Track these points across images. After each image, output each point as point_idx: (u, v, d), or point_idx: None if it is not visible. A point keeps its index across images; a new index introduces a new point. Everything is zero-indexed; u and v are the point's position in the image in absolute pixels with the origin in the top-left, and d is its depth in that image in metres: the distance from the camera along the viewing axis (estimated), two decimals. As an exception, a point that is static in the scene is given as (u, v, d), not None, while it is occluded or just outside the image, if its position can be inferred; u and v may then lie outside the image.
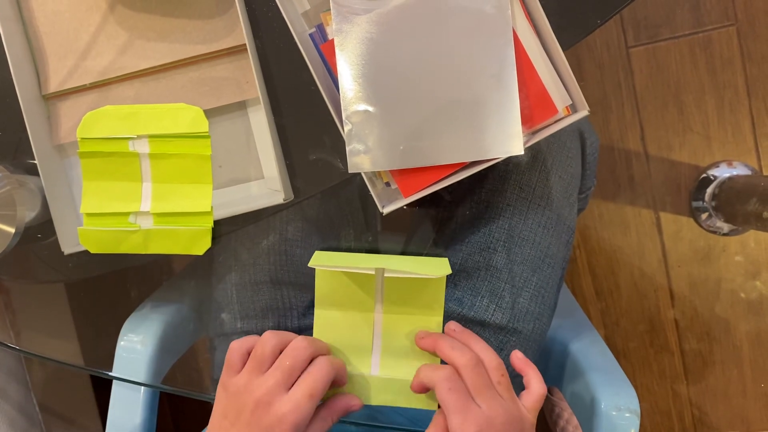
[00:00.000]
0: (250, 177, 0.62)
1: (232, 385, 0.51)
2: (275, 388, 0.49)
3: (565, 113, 0.57)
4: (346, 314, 0.56)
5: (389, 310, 0.56)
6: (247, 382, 0.50)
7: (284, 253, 0.67)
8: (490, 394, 0.49)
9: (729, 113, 1.19)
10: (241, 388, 0.50)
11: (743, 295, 1.22)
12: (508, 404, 0.49)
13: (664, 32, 1.19)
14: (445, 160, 0.56)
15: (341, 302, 0.56)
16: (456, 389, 0.49)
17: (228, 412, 0.50)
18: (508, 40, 0.55)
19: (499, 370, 0.51)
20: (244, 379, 0.50)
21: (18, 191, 0.58)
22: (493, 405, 0.48)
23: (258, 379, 0.50)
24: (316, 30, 0.59)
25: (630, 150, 1.21)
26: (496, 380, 0.50)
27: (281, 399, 0.49)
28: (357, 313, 0.56)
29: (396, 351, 0.55)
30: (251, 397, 0.49)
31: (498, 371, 0.51)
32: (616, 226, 1.23)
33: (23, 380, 0.89)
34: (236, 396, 0.50)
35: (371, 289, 0.55)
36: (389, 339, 0.55)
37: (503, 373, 0.51)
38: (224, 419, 0.51)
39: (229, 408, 0.50)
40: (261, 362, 0.51)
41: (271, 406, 0.48)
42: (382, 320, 0.56)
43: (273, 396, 0.49)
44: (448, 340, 0.52)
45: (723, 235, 1.21)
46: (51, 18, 0.61)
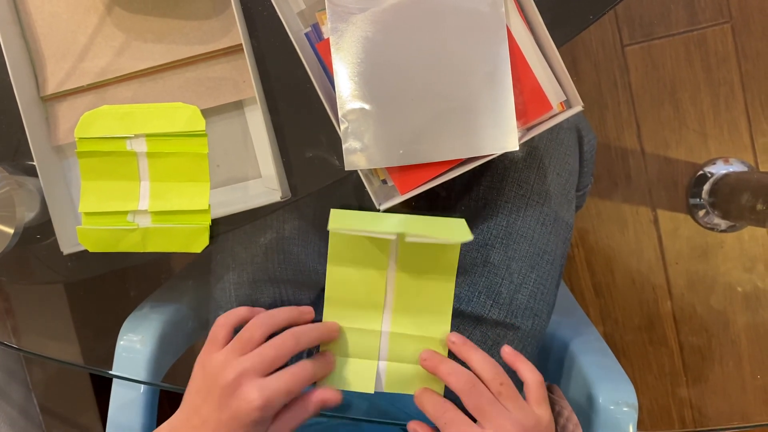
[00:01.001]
0: (248, 176, 0.63)
1: (209, 362, 0.50)
2: (250, 372, 0.48)
3: (560, 109, 0.57)
4: (359, 271, 0.56)
5: (403, 269, 0.56)
6: (224, 361, 0.49)
7: (282, 252, 0.68)
8: (494, 412, 0.49)
9: (725, 110, 1.20)
10: (218, 366, 0.49)
11: (740, 291, 1.23)
12: (515, 414, 0.49)
13: (659, 30, 1.19)
14: (441, 156, 0.57)
15: (355, 260, 0.56)
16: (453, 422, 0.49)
17: (201, 389, 0.50)
18: (502, 37, 0.56)
19: (497, 378, 0.51)
20: (222, 357, 0.50)
21: (17, 192, 0.58)
22: (500, 422, 0.48)
23: (236, 360, 0.49)
24: (311, 29, 0.59)
25: (627, 148, 1.21)
26: (497, 391, 0.50)
27: (251, 384, 0.48)
28: (370, 271, 0.56)
29: (408, 309, 0.56)
30: (224, 377, 0.48)
31: (496, 380, 0.51)
32: (613, 224, 1.24)
33: (23, 381, 0.89)
34: (211, 374, 0.49)
35: (386, 247, 0.56)
36: (402, 297, 0.56)
37: (502, 381, 0.51)
38: (197, 395, 0.50)
39: (203, 385, 0.50)
40: (244, 345, 0.50)
41: (241, 388, 0.48)
42: (395, 278, 0.56)
43: (245, 379, 0.48)
44: (446, 365, 0.52)
45: (720, 232, 1.21)
46: (48, 20, 0.61)
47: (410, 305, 0.56)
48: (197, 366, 0.52)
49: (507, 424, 0.48)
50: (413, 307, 0.56)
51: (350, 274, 0.56)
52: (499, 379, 0.51)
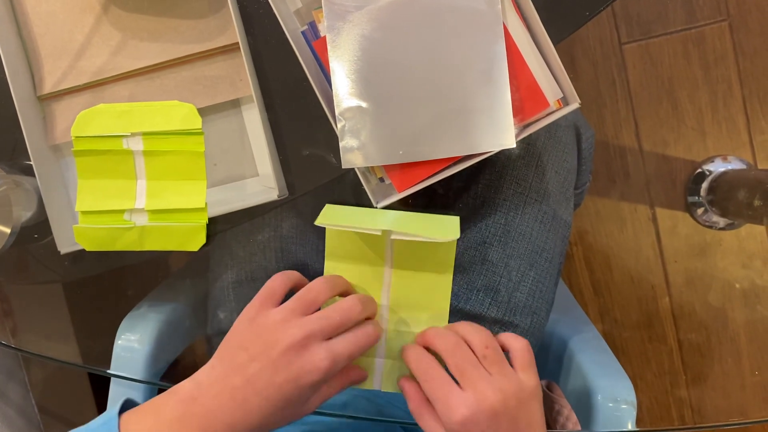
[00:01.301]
0: (245, 174, 0.63)
1: (264, 318, 0.47)
2: (318, 335, 0.46)
3: (557, 106, 0.57)
4: (356, 267, 0.56)
5: (400, 265, 0.56)
6: (285, 319, 0.46)
7: (280, 250, 0.68)
8: (476, 375, 0.47)
9: (723, 108, 1.20)
10: (277, 323, 0.46)
11: (739, 288, 1.23)
12: (497, 379, 0.47)
13: (657, 28, 1.19)
14: (439, 154, 0.57)
15: (351, 256, 0.55)
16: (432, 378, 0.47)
17: (249, 345, 0.46)
18: (499, 34, 0.56)
19: (483, 343, 0.48)
20: (281, 315, 0.46)
21: (14, 191, 0.58)
22: (480, 386, 0.46)
23: (299, 319, 0.46)
24: (308, 27, 0.59)
25: (625, 146, 1.22)
26: (482, 354, 0.48)
27: (319, 347, 0.46)
28: (367, 267, 0.55)
29: (405, 306, 0.56)
30: (287, 335, 0.45)
31: (482, 345, 0.48)
32: (612, 222, 1.24)
33: (22, 381, 0.89)
34: (267, 330, 0.46)
35: (381, 244, 0.55)
36: (399, 293, 0.56)
37: (488, 344, 0.48)
38: (242, 350, 0.46)
39: (253, 341, 0.46)
40: (307, 306, 0.47)
41: (307, 350, 0.45)
42: (392, 275, 0.56)
43: (311, 341, 0.45)
44: (433, 329, 0.51)
45: (719, 230, 1.21)
46: (45, 19, 0.61)
47: (407, 302, 0.56)
48: (245, 320, 0.48)
49: (487, 388, 0.46)
50: (410, 303, 0.56)
51: (347, 271, 0.56)
52: (485, 343, 0.49)
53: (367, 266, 0.56)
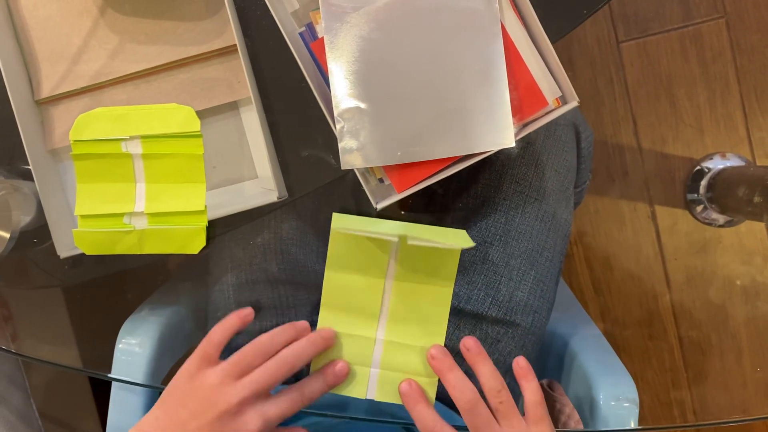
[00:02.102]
0: (244, 177, 0.63)
1: (202, 379, 0.50)
2: (251, 399, 0.49)
3: (556, 105, 0.57)
4: (357, 278, 0.56)
5: (401, 278, 0.56)
6: (222, 384, 0.49)
7: (280, 252, 0.68)
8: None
9: (721, 105, 1.20)
10: (214, 387, 0.49)
11: (739, 285, 1.23)
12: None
13: (654, 26, 1.19)
14: (438, 154, 0.57)
15: (353, 266, 0.56)
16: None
17: (189, 404, 0.49)
18: (497, 33, 0.56)
19: (498, 396, 0.52)
20: (217, 378, 0.50)
21: (13, 196, 0.58)
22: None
23: (234, 384, 0.49)
24: (305, 29, 0.59)
25: (624, 144, 1.22)
26: (494, 406, 0.52)
27: (253, 412, 0.49)
28: (368, 278, 0.56)
29: (404, 318, 0.56)
30: (226, 401, 0.48)
31: (497, 398, 0.52)
32: (611, 221, 1.24)
33: (22, 386, 0.89)
34: (204, 391, 0.49)
35: (385, 255, 0.56)
36: (398, 306, 0.56)
37: (502, 399, 0.52)
38: (183, 408, 0.50)
39: (192, 401, 0.49)
40: (242, 370, 0.50)
41: (241, 415, 0.48)
42: (392, 287, 0.56)
43: (247, 405, 0.49)
44: (453, 375, 0.53)
45: (719, 227, 1.21)
46: (42, 23, 0.61)
47: (406, 314, 0.56)
48: (183, 378, 0.51)
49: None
50: (409, 316, 0.56)
51: (348, 280, 0.56)
52: (500, 397, 0.52)
53: (368, 276, 0.56)
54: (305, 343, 0.53)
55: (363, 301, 0.56)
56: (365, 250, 0.56)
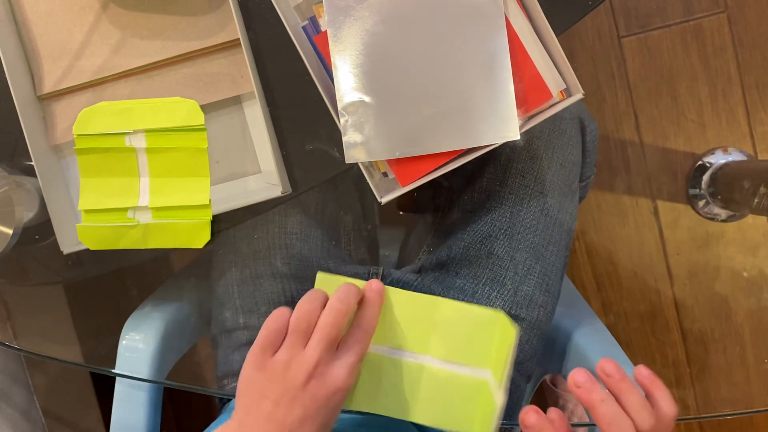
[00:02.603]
0: (248, 171, 0.62)
1: (272, 365, 0.48)
2: (326, 358, 0.47)
3: (560, 97, 0.57)
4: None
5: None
6: (291, 358, 0.47)
7: (284, 247, 0.68)
8: None
9: (722, 100, 1.20)
10: (285, 365, 0.47)
11: (742, 281, 1.23)
12: None
13: (656, 21, 1.19)
14: (442, 147, 0.56)
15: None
16: None
17: (269, 392, 0.47)
18: (501, 26, 0.55)
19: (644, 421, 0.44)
20: (285, 355, 0.48)
21: (15, 192, 0.57)
22: None
23: (303, 353, 0.47)
24: (308, 22, 0.59)
25: (625, 139, 1.21)
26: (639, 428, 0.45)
27: (334, 368, 0.47)
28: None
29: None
30: (302, 373, 0.47)
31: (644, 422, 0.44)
32: (614, 216, 1.23)
33: (26, 384, 0.89)
34: (280, 374, 0.47)
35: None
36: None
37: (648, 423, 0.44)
38: (264, 399, 0.47)
39: (271, 388, 0.47)
40: (304, 334, 0.48)
41: (326, 376, 0.47)
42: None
43: (325, 366, 0.47)
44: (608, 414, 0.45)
45: (721, 222, 1.21)
46: (44, 19, 0.61)
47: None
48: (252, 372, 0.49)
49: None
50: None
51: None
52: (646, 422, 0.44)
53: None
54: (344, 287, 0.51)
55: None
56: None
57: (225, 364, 0.69)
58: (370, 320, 0.51)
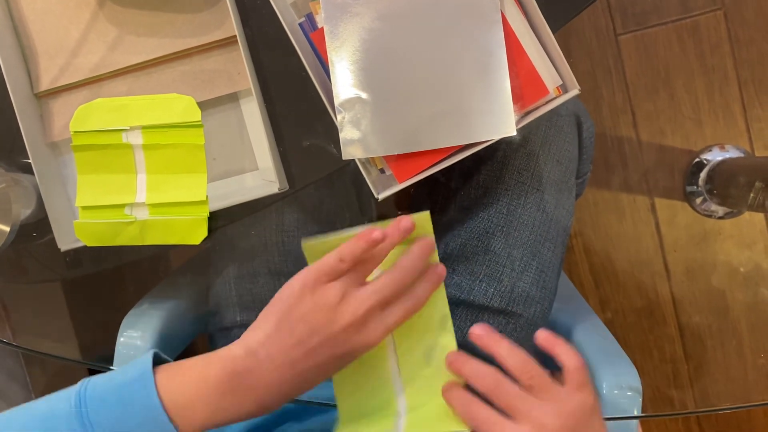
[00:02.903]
0: (245, 168, 0.62)
1: (323, 291, 0.46)
2: (375, 309, 0.46)
3: (556, 93, 0.57)
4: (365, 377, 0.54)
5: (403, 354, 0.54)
6: (346, 294, 0.46)
7: (281, 244, 0.68)
8: (527, 407, 0.45)
9: (719, 97, 1.20)
10: (337, 299, 0.46)
11: (739, 277, 1.23)
12: (552, 405, 0.45)
13: (652, 18, 1.19)
14: (439, 144, 0.57)
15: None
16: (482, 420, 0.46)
17: (310, 318, 0.46)
18: (497, 23, 0.56)
19: (527, 372, 0.47)
20: (340, 291, 0.46)
21: (13, 189, 0.58)
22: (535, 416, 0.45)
23: (357, 294, 0.46)
24: (305, 19, 0.59)
25: (623, 137, 1.22)
26: (528, 384, 0.46)
27: (376, 322, 0.47)
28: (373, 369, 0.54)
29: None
30: (348, 313, 0.46)
31: (526, 373, 0.46)
32: (611, 214, 1.24)
33: (23, 381, 0.89)
34: (328, 305, 0.46)
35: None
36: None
37: (532, 374, 0.46)
38: (302, 323, 0.46)
39: (314, 315, 0.46)
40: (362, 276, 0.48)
41: (365, 326, 0.46)
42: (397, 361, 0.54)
43: (370, 317, 0.46)
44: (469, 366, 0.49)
45: (718, 219, 1.21)
46: (41, 16, 0.61)
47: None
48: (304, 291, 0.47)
49: (544, 416, 0.45)
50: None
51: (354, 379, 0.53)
52: (529, 373, 0.47)
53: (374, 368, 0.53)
54: (418, 250, 0.50)
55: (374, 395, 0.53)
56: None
57: (223, 361, 0.69)
58: (422, 295, 0.50)
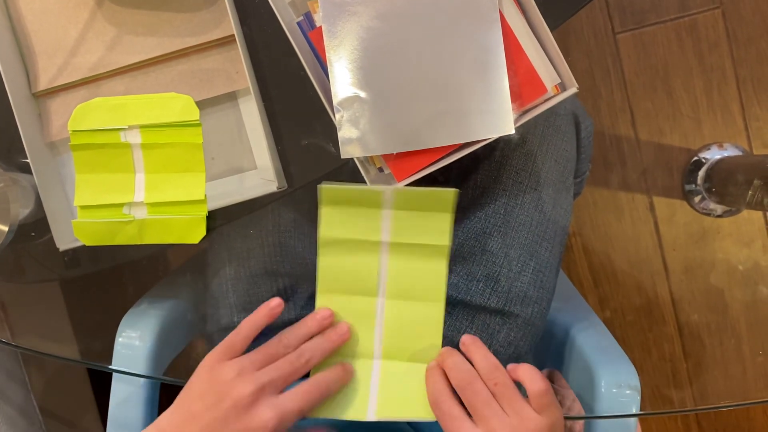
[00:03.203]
0: (243, 167, 0.62)
1: (222, 370, 0.49)
2: (267, 389, 0.48)
3: (555, 92, 0.57)
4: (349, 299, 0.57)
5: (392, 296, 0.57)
6: (239, 374, 0.49)
7: (279, 244, 0.67)
8: (488, 412, 0.49)
9: (718, 95, 1.20)
10: (232, 377, 0.49)
11: (738, 275, 1.23)
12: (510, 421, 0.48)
13: (650, 17, 1.20)
14: (438, 142, 0.57)
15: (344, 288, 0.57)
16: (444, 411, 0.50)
17: (205, 395, 0.49)
18: (495, 21, 0.56)
19: (492, 378, 0.50)
20: (237, 368, 0.49)
21: (11, 189, 0.57)
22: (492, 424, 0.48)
23: (251, 374, 0.49)
24: (303, 18, 0.59)
25: (621, 136, 1.22)
26: (492, 389, 0.50)
27: (268, 402, 0.48)
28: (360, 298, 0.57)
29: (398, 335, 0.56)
30: (241, 391, 0.48)
31: (491, 380, 0.50)
32: (610, 213, 1.24)
33: (23, 382, 0.89)
34: (221, 383, 0.49)
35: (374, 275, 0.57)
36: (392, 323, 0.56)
37: (497, 381, 0.50)
38: (200, 400, 0.49)
39: (208, 391, 0.49)
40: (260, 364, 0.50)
41: (255, 407, 0.48)
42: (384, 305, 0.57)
43: (262, 396, 0.48)
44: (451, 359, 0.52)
45: (717, 217, 1.22)
46: (39, 16, 0.61)
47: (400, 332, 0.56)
48: (204, 370, 0.51)
49: (500, 428, 0.48)
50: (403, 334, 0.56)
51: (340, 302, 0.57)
52: (494, 380, 0.50)
53: (360, 297, 0.57)
54: (321, 339, 0.53)
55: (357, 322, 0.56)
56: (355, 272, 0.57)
57: (221, 361, 0.69)
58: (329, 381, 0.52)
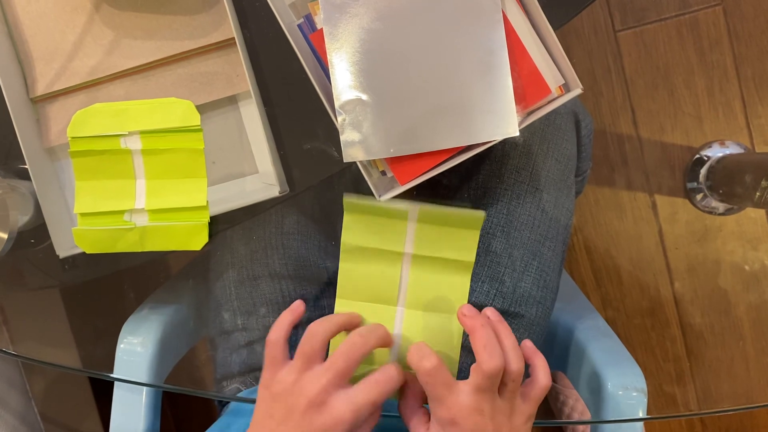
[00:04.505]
0: (245, 172, 0.62)
1: (276, 383, 0.48)
2: (330, 387, 0.47)
3: (559, 93, 0.57)
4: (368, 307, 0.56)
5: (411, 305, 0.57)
6: (296, 380, 0.47)
7: (281, 247, 0.67)
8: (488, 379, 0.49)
9: (719, 93, 1.19)
10: (289, 386, 0.48)
11: (741, 274, 1.23)
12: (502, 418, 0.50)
13: (651, 15, 1.19)
14: (441, 145, 0.56)
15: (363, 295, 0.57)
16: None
17: (274, 412, 0.48)
18: (498, 21, 0.55)
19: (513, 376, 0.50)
20: (292, 376, 0.48)
21: (10, 195, 0.57)
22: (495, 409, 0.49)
23: (308, 375, 0.47)
24: (304, 20, 0.58)
25: (623, 134, 1.21)
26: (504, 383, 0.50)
27: (340, 397, 0.47)
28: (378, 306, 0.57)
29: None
30: (303, 396, 0.46)
31: (511, 376, 0.50)
32: (612, 211, 1.23)
33: (23, 390, 0.88)
34: (284, 395, 0.48)
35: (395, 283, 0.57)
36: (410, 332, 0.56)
37: (515, 378, 0.50)
38: (270, 419, 0.48)
39: (276, 407, 0.48)
40: (309, 360, 0.48)
41: (326, 405, 0.46)
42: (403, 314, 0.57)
43: (328, 395, 0.46)
44: (485, 336, 0.50)
45: (719, 215, 1.21)
46: (36, 20, 0.60)
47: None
48: (262, 390, 0.50)
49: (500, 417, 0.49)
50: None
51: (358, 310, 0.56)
52: (515, 381, 0.50)
53: (379, 305, 0.56)
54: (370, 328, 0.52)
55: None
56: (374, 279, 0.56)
57: (223, 366, 0.69)
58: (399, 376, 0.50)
